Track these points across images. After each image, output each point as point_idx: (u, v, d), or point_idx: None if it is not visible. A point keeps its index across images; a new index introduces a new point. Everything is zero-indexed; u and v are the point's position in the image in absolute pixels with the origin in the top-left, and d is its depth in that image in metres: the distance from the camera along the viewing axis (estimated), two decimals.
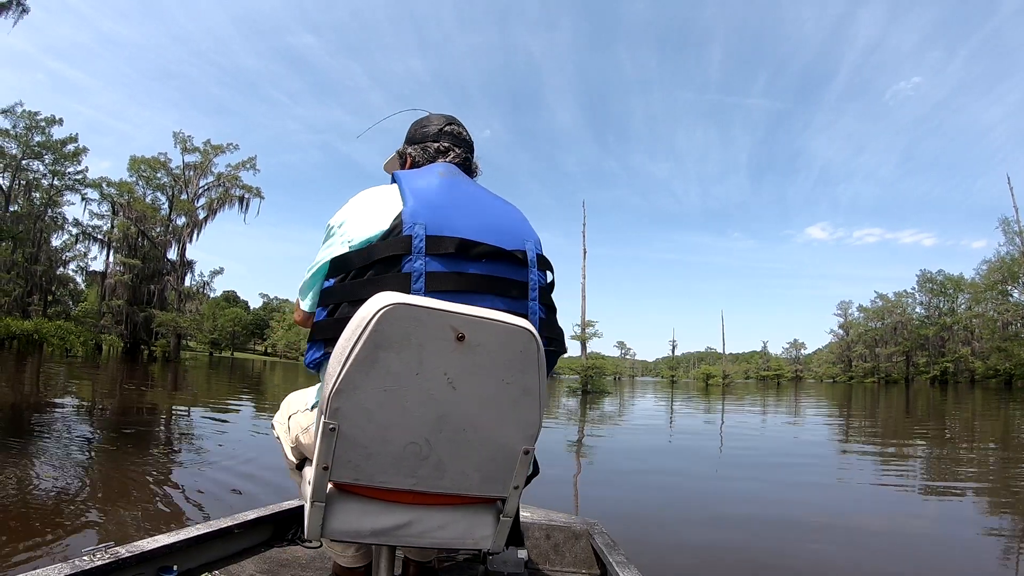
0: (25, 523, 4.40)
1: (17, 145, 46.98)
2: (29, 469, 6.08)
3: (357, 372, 1.24)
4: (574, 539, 2.94)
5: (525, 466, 1.41)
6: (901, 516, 6.07)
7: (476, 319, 1.27)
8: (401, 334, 1.23)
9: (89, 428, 9.53)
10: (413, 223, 1.43)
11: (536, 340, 1.32)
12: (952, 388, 64.01)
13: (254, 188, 55.26)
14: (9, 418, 9.96)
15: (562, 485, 7.07)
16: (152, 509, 5.04)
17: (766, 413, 22.51)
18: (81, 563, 1.88)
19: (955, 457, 10.60)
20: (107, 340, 48.32)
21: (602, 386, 39.22)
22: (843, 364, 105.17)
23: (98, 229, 53.51)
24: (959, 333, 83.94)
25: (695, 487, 7.44)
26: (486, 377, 1.31)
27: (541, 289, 1.56)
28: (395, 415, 1.28)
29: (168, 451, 7.84)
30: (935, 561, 4.71)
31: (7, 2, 36.36)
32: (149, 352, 53.44)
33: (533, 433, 1.39)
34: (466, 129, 1.89)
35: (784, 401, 33.22)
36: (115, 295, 51.85)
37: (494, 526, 1.47)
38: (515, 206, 1.71)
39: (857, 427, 17.04)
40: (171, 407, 13.93)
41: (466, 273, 1.44)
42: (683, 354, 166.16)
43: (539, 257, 1.59)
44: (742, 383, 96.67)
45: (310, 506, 1.36)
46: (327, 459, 1.29)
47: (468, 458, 1.36)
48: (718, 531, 5.32)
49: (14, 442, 7.67)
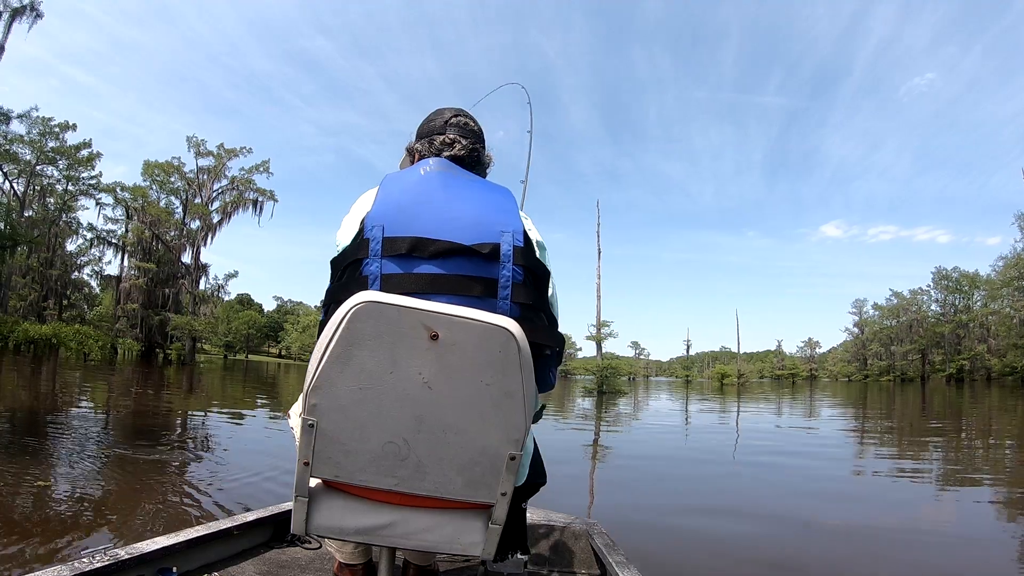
0: (44, 525, 4.41)
1: (31, 151, 47.27)
2: (47, 471, 6.12)
3: (332, 369, 1.25)
4: (574, 539, 2.92)
5: (512, 472, 1.36)
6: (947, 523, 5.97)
7: (450, 317, 1.24)
8: (373, 332, 1.24)
9: (106, 431, 9.57)
10: (372, 226, 1.44)
11: (516, 340, 1.27)
12: (968, 386, 63.50)
13: (268, 191, 55.59)
14: (28, 420, 10.08)
15: (579, 485, 7.04)
16: (167, 512, 5.05)
17: (782, 414, 22.31)
18: (80, 565, 1.87)
19: (973, 456, 10.50)
20: (124, 344, 48.53)
21: (618, 386, 39.03)
22: (858, 362, 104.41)
23: (112, 233, 53.99)
24: (975, 330, 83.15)
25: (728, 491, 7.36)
26: (463, 378, 1.28)
27: (516, 286, 1.46)
28: (371, 413, 1.29)
29: (184, 453, 7.87)
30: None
31: (22, 7, 37.01)
32: (164, 355, 53.76)
33: (518, 438, 1.33)
34: (475, 120, 1.85)
35: (800, 400, 32.97)
36: (130, 299, 52.28)
37: (483, 533, 1.43)
38: (504, 194, 1.63)
39: (882, 428, 16.89)
40: (186, 410, 13.98)
41: (422, 273, 1.41)
42: (697, 353, 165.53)
43: (518, 250, 1.47)
44: (757, 382, 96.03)
45: (294, 501, 1.38)
46: (307, 454, 1.32)
47: (449, 461, 1.33)
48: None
49: (32, 443, 7.77)
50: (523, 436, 1.33)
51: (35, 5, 37.07)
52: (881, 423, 17.87)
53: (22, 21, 37.10)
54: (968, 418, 19.51)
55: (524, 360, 1.28)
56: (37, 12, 37.07)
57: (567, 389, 45.45)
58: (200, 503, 5.42)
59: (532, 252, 1.51)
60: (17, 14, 36.90)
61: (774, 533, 5.30)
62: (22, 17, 37.13)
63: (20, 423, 9.71)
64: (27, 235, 39.55)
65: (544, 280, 1.56)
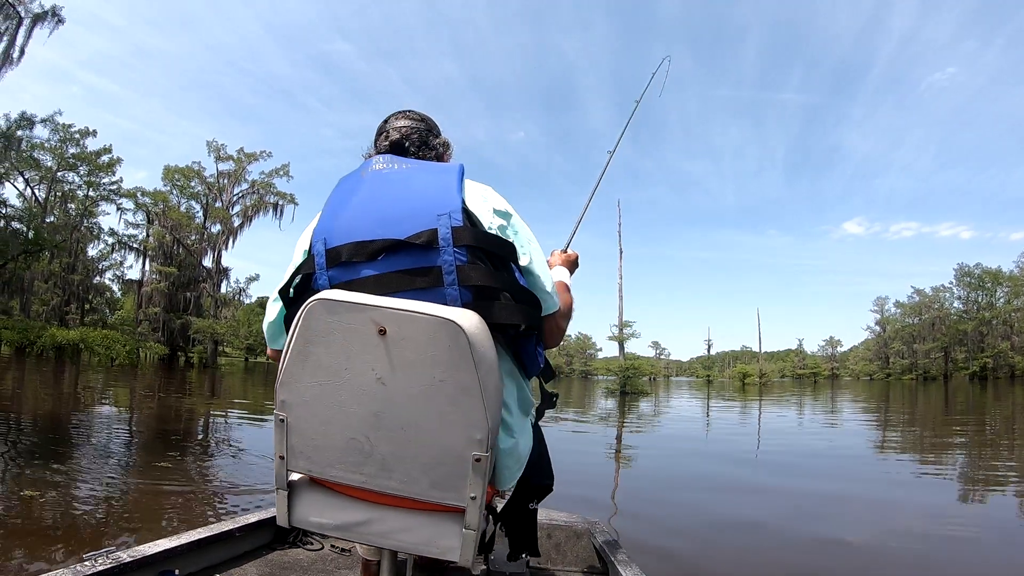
0: (70, 530, 4.59)
1: (52, 157, 47.60)
2: (75, 475, 6.38)
3: (294, 366, 1.30)
4: (575, 538, 2.95)
5: (481, 475, 1.28)
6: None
7: (395, 312, 1.23)
8: (326, 329, 1.26)
9: (132, 433, 10.10)
10: (316, 240, 1.45)
11: (466, 332, 1.21)
12: (992, 384, 62.88)
13: (288, 195, 56.15)
14: (53, 422, 10.55)
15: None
16: (190, 516, 5.22)
17: (807, 414, 22.13)
18: (83, 568, 1.90)
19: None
20: (149, 347, 48.75)
21: (640, 387, 38.95)
22: (880, 361, 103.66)
23: (133, 238, 54.24)
24: (998, 328, 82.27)
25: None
26: (415, 373, 1.25)
27: (462, 269, 1.35)
28: (332, 409, 1.30)
29: (208, 455, 8.24)
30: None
31: (43, 13, 37.19)
32: (186, 358, 54.11)
33: (482, 438, 1.26)
34: (420, 113, 1.80)
35: (822, 400, 32.89)
36: (151, 303, 52.59)
37: (460, 537, 1.35)
38: (445, 173, 1.50)
39: (911, 431, 16.63)
40: (209, 411, 14.61)
41: (368, 277, 1.38)
42: (718, 353, 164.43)
43: (457, 231, 1.36)
44: (778, 382, 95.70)
45: (276, 494, 1.43)
46: (282, 449, 1.36)
47: (412, 460, 1.30)
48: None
49: (60, 446, 8.14)
50: (487, 436, 1.26)
51: (56, 11, 37.26)
52: (943, 434, 17.51)
53: (43, 27, 37.40)
54: (992, 417, 19.14)
55: (479, 353, 1.24)
56: (59, 18, 37.20)
57: (588, 390, 45.49)
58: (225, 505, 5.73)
59: (477, 228, 1.42)
60: (38, 20, 37.14)
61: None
62: (43, 23, 37.38)
63: (59, 424, 10.25)
64: (52, 240, 39.80)
65: (503, 254, 1.43)
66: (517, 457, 1.50)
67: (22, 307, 49.02)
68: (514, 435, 1.48)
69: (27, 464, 6.72)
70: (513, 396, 1.53)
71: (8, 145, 40.45)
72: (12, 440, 8.43)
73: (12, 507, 5.07)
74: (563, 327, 1.70)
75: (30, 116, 42.01)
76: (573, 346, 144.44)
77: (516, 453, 1.49)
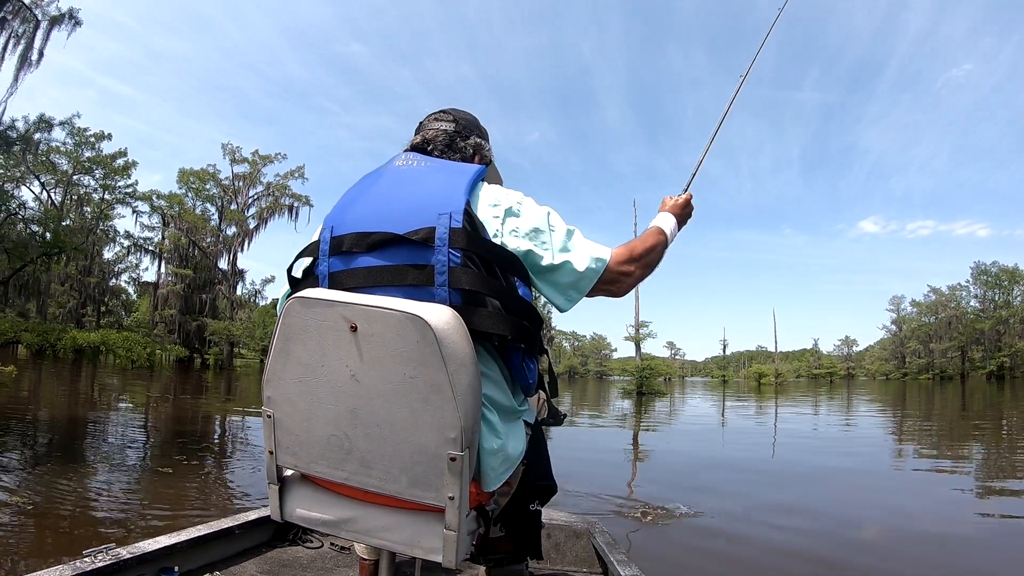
0: (73, 526, 4.69)
1: (68, 161, 47.86)
2: (94, 474, 6.52)
3: (276, 363, 1.34)
4: (575, 538, 2.95)
5: (457, 475, 1.26)
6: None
7: (365, 308, 1.23)
8: (302, 326, 1.29)
9: (150, 434, 10.37)
10: (325, 227, 1.49)
11: (434, 329, 1.20)
12: (1009, 383, 62.26)
13: (303, 196, 56.35)
14: (71, 423, 10.80)
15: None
16: (206, 514, 5.23)
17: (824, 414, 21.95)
18: (82, 564, 1.91)
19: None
20: (170, 349, 48.94)
21: (656, 387, 38.82)
22: (896, 361, 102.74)
23: (149, 241, 54.42)
24: (1015, 326, 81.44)
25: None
26: (386, 370, 1.25)
27: (454, 271, 1.34)
28: (312, 406, 1.32)
29: (224, 456, 8.42)
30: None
31: (60, 15, 37.36)
32: (202, 360, 54.32)
33: (455, 437, 1.24)
34: (459, 112, 1.82)
35: (838, 400, 32.70)
36: (167, 305, 52.79)
37: (442, 538, 1.33)
38: (458, 172, 1.51)
39: (931, 434, 16.35)
40: (224, 414, 14.83)
41: (361, 267, 1.41)
42: (733, 353, 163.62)
43: (455, 232, 1.35)
44: (793, 382, 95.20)
45: (268, 488, 1.46)
46: (270, 444, 1.39)
47: (391, 457, 1.30)
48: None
49: (77, 447, 8.36)
50: (461, 436, 1.24)
51: (73, 13, 37.40)
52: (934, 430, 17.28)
53: (60, 29, 37.54)
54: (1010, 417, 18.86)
55: (448, 349, 1.21)
56: (76, 20, 37.27)
57: (603, 391, 45.45)
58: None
59: (476, 232, 1.39)
60: (55, 22, 37.30)
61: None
62: (60, 25, 37.52)
63: (82, 424, 10.53)
64: (71, 242, 39.90)
65: (503, 265, 1.41)
66: (504, 458, 1.44)
67: (39, 310, 49.37)
68: (500, 436, 1.43)
69: (41, 461, 6.95)
70: (499, 396, 1.48)
71: (26, 148, 40.71)
72: (47, 439, 8.71)
73: (14, 506, 5.09)
74: (627, 272, 1.65)
75: (48, 119, 42.17)
76: (588, 346, 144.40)
77: (503, 455, 1.44)
